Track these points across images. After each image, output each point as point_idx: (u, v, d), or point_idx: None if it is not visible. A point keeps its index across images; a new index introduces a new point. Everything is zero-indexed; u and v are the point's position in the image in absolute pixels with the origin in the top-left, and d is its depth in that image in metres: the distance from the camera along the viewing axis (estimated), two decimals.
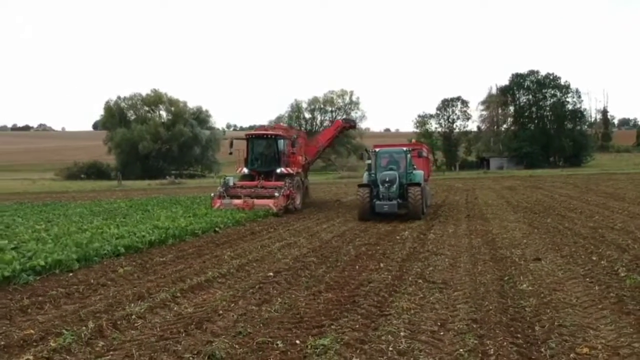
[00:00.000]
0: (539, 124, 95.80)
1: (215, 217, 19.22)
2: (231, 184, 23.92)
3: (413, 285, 9.57)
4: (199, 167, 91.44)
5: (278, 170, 24.20)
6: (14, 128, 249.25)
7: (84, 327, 7.30)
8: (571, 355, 6.08)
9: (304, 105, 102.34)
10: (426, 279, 9.99)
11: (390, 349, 6.41)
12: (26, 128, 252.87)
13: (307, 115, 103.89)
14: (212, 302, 8.70)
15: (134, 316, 7.88)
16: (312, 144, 29.12)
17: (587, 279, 9.61)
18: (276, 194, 22.42)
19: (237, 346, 6.59)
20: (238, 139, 25.62)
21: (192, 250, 13.74)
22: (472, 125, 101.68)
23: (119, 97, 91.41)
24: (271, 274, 10.82)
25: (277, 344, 6.64)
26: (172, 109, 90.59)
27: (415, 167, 21.74)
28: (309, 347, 6.50)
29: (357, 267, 11.34)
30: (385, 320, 7.53)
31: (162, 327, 7.41)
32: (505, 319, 7.43)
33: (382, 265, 11.45)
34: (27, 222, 19.32)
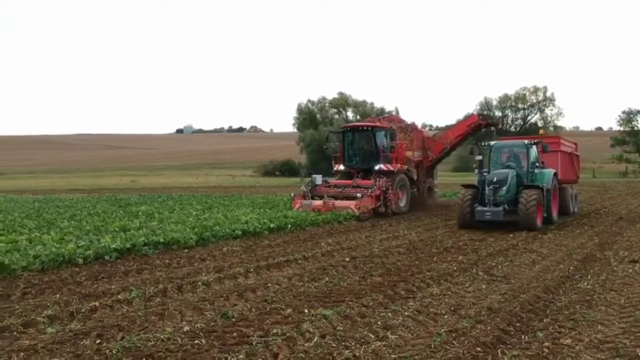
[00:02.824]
0: None
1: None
2: (319, 182, 21.94)
3: (470, 277, 9.78)
4: None
5: (377, 167, 21.74)
6: (230, 130, 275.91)
7: (152, 288, 8.96)
8: None
9: (494, 103, 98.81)
10: (488, 272, 10.12)
11: (379, 323, 7.00)
12: (240, 130, 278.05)
13: (498, 114, 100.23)
14: (274, 278, 9.86)
15: (200, 283, 9.36)
16: (438, 140, 25.53)
17: None
18: (358, 195, 20.17)
19: (253, 310, 7.67)
20: (335, 132, 23.89)
21: (304, 237, 15.09)
22: None
23: (309, 100, 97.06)
24: (348, 259, 11.69)
25: (286, 311, 7.59)
26: (360, 109, 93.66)
27: (543, 164, 18.44)
28: (311, 315, 7.34)
29: (434, 258, 11.72)
30: (404, 301, 8.05)
31: (214, 294, 8.72)
32: (516, 309, 7.53)
33: (460, 257, 11.69)
34: (183, 209, 22.18)
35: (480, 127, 25.29)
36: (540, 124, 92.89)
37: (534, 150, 17.68)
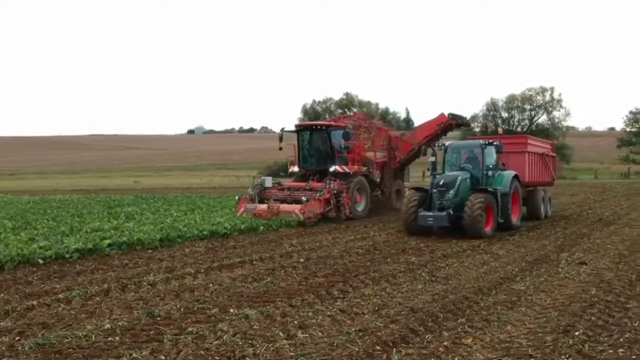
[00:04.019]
0: None
1: None
2: (268, 184, 20.74)
3: (412, 278, 10.01)
4: None
5: (331, 169, 20.57)
6: (240, 130, 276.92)
7: (96, 287, 9.26)
8: None
9: (500, 104, 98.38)
10: (432, 273, 10.35)
11: (296, 323, 7.23)
12: (250, 130, 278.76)
13: (504, 114, 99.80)
14: (220, 278, 10.12)
15: (145, 283, 9.63)
16: (407, 141, 23.75)
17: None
18: (303, 198, 19.02)
19: (182, 309, 7.93)
20: (289, 132, 22.00)
21: (272, 238, 15.33)
22: None
23: (314, 101, 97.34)
24: (302, 260, 11.94)
25: (212, 311, 7.85)
26: (365, 109, 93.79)
27: (504, 166, 17.75)
28: (233, 315, 7.60)
29: (388, 259, 11.95)
30: (332, 301, 8.29)
31: (154, 294, 8.98)
32: (436, 309, 7.74)
33: (414, 259, 11.93)
34: (168, 210, 22.54)
35: (451, 127, 23.90)
36: (547, 124, 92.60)
37: (489, 151, 16.68)
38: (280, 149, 21.38)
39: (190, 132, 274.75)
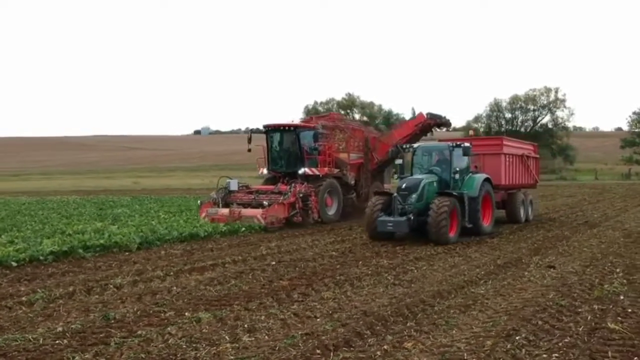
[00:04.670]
0: None
1: None
2: (234, 187, 19.90)
3: (376, 281, 10.11)
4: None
5: (300, 171, 20.01)
6: (246, 131, 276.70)
7: (61, 289, 9.40)
8: None
9: (504, 105, 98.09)
10: (398, 276, 10.45)
11: (246, 326, 7.34)
12: (258, 131, 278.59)
13: (508, 115, 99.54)
14: (187, 281, 10.23)
15: (111, 286, 9.77)
16: (384, 141, 22.78)
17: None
18: (265, 203, 18.30)
19: (139, 312, 8.06)
20: (258, 133, 21.29)
21: (252, 241, 15.47)
22: None
23: (315, 102, 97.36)
24: (274, 262, 12.07)
25: (166, 314, 7.97)
26: (367, 110, 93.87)
27: (476, 169, 17.42)
28: (186, 318, 7.71)
29: (359, 262, 12.05)
30: (289, 305, 8.40)
31: (117, 296, 9.11)
32: (387, 313, 7.83)
33: (385, 261, 12.03)
34: (158, 212, 22.68)
35: (430, 127, 23.11)
36: (550, 125, 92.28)
37: (457, 154, 15.95)
38: (249, 150, 20.77)
39: (197, 132, 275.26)
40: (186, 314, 7.98)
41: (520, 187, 20.21)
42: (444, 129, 23.99)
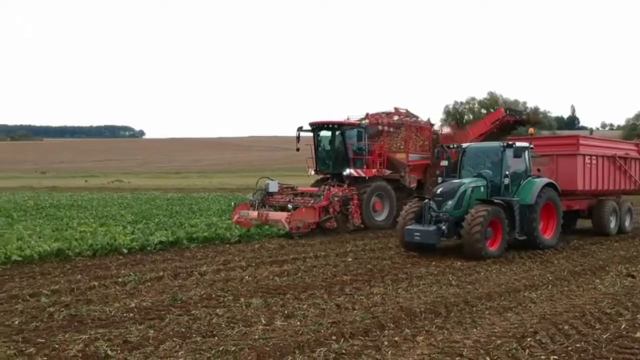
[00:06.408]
0: None
1: None
2: (273, 189, 18.69)
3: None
4: None
5: (345, 173, 18.65)
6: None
7: (153, 274, 10.88)
8: None
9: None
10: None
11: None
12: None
13: None
14: (263, 271, 11.24)
15: (195, 272, 11.04)
16: (457, 140, 20.32)
17: None
18: (289, 207, 17.20)
19: (201, 292, 9.24)
20: (305, 131, 19.62)
21: (347, 238, 16.22)
22: None
23: (455, 102, 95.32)
24: (350, 259, 12.79)
25: (224, 297, 9.06)
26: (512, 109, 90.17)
27: (539, 172, 15.15)
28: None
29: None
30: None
31: (196, 280, 10.36)
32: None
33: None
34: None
35: (510, 125, 20.97)
36: None
37: (508, 155, 14.00)
38: (298, 149, 19.31)
39: None
40: (241, 299, 8.95)
41: (612, 193, 17.70)
42: (530, 128, 20.38)
